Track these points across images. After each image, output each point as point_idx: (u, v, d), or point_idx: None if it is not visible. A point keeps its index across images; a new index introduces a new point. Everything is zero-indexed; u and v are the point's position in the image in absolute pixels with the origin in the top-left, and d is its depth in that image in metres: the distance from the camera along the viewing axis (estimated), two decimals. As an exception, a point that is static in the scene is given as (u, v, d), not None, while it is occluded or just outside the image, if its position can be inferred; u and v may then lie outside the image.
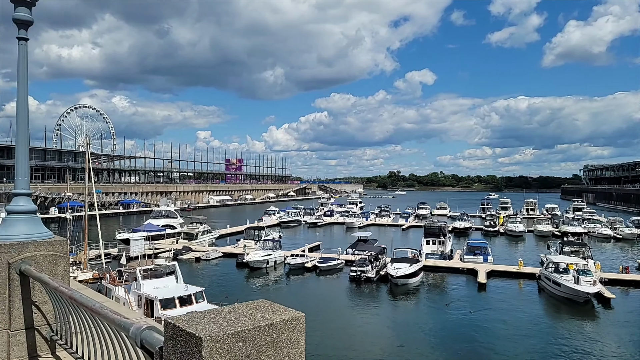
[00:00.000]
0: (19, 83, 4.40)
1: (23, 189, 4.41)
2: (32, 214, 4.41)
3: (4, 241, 4.13)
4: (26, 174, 4.44)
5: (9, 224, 4.29)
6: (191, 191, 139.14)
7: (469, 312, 30.42)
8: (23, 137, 4.43)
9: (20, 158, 4.41)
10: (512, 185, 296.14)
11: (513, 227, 70.50)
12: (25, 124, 4.43)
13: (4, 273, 4.06)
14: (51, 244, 4.31)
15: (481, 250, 46.87)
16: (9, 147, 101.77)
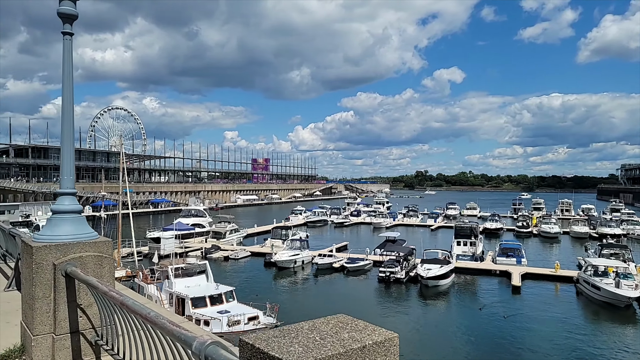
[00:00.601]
0: (64, 80, 4.28)
1: (68, 188, 4.29)
2: (77, 213, 4.29)
3: (50, 242, 4.01)
4: (71, 173, 4.32)
5: (54, 224, 4.17)
6: (219, 190, 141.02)
7: (503, 317, 29.27)
8: (68, 136, 4.31)
9: (65, 157, 4.29)
10: (545, 185, 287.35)
11: (547, 228, 68.19)
12: (70, 123, 4.31)
13: (49, 275, 3.94)
14: (96, 245, 4.17)
15: (514, 252, 45.49)
16: (45, 148, 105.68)
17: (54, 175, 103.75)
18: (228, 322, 22.32)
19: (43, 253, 3.92)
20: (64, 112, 4.29)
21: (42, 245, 3.94)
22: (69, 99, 4.27)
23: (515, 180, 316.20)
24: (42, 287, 3.92)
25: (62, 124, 4.28)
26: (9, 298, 6.25)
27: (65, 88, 4.28)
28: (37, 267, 3.90)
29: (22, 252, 4.29)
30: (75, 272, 3.77)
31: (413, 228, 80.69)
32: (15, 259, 6.93)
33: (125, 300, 2.75)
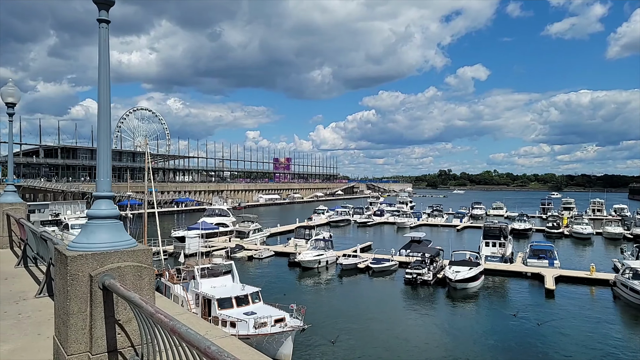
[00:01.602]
0: (100, 72, 3.89)
1: (105, 191, 3.90)
2: (114, 219, 3.89)
3: (85, 250, 3.62)
4: (108, 174, 3.92)
5: (90, 230, 3.79)
6: (241, 190, 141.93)
7: (537, 324, 27.86)
8: (105, 134, 3.92)
9: (102, 157, 3.90)
10: (574, 184, 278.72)
11: (580, 228, 65.84)
12: (107, 120, 3.92)
13: (84, 287, 3.55)
14: (135, 254, 3.77)
15: (546, 254, 43.93)
16: (74, 148, 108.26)
17: (82, 175, 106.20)
18: (254, 324, 22.02)
19: (78, 263, 3.53)
20: (100, 109, 3.90)
21: (78, 254, 3.55)
22: (105, 94, 3.88)
23: (542, 179, 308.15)
24: (77, 300, 3.53)
25: (99, 122, 3.89)
26: (40, 305, 5.96)
27: (102, 81, 3.89)
28: (72, 278, 3.52)
29: (55, 261, 3.93)
30: (114, 286, 3.36)
31: (438, 228, 79.30)
32: (47, 263, 6.65)
33: (177, 327, 2.31)
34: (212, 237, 56.50)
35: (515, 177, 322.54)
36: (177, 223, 75.69)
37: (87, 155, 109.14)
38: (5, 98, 10.27)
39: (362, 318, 28.72)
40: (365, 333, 25.81)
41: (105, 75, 3.86)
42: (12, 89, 10.37)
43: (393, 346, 24.20)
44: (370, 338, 25.14)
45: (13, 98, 10.33)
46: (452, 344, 25.06)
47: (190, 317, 5.49)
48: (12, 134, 10.96)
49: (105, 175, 3.90)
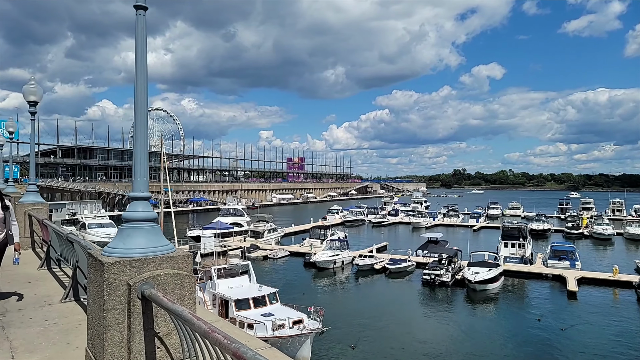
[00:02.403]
0: (138, 64, 3.58)
1: (142, 191, 3.59)
2: (152, 222, 3.58)
3: (123, 256, 3.32)
4: (145, 173, 3.61)
5: (127, 234, 3.48)
6: (255, 190, 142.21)
7: (560, 329, 26.81)
8: (142, 131, 3.60)
9: (138, 155, 3.58)
10: (591, 183, 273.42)
11: (600, 229, 64.32)
12: (144, 116, 3.61)
13: (122, 297, 3.24)
14: (175, 260, 3.45)
15: (568, 255, 42.91)
16: (90, 148, 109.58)
17: (98, 175, 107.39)
18: (273, 325, 21.74)
19: (116, 270, 3.23)
20: (137, 105, 3.60)
21: (115, 260, 3.24)
22: (142, 87, 3.57)
23: (559, 179, 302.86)
24: (114, 312, 3.22)
25: (136, 117, 3.58)
26: (67, 311, 5.70)
27: (139, 74, 3.58)
28: (110, 287, 3.21)
29: (89, 268, 3.63)
30: (155, 297, 3.04)
31: (454, 228, 78.29)
32: (72, 265, 6.40)
33: (240, 350, 1.97)
34: (227, 236, 56.48)
35: (531, 176, 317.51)
36: (192, 223, 76.01)
37: (104, 155, 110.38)
38: (27, 96, 10.10)
39: (380, 320, 28.26)
40: (384, 336, 25.36)
41: (142, 67, 3.56)
42: (34, 87, 10.21)
43: (413, 350, 23.72)
44: (389, 341, 24.69)
45: (35, 96, 10.16)
46: (474, 348, 24.44)
47: (225, 325, 5.18)
48: (34, 134, 10.79)
49: (141, 175, 3.59)
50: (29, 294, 6.44)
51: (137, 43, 3.53)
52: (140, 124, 3.59)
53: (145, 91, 3.59)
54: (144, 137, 3.60)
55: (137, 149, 3.59)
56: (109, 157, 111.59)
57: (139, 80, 3.55)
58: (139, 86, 3.57)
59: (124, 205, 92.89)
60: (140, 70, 3.53)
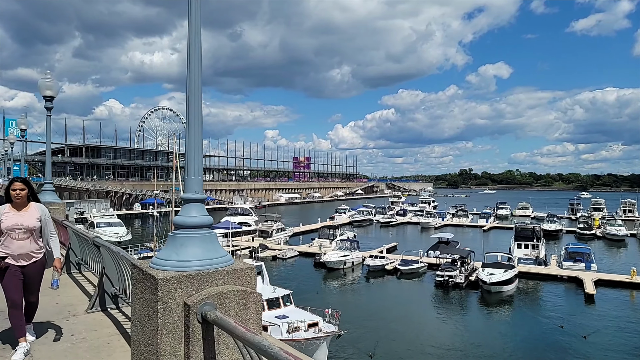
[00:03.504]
0: (191, 50, 3.04)
1: (196, 192, 3.03)
2: (207, 228, 3.04)
3: (178, 270, 2.78)
4: (199, 171, 3.07)
5: (180, 243, 2.94)
6: (261, 189, 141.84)
7: (582, 337, 25.56)
8: (196, 122, 3.06)
9: (192, 149, 3.03)
10: (600, 183, 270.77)
11: (614, 230, 63.23)
12: (198, 104, 3.07)
13: (178, 320, 2.70)
14: (237, 275, 2.91)
15: (583, 257, 42.07)
16: (98, 147, 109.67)
17: (106, 173, 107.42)
18: (288, 328, 21.21)
19: (172, 288, 2.68)
20: (190, 93, 3.06)
21: (170, 276, 2.70)
22: (196, 74, 3.03)
23: (567, 179, 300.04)
24: (169, 338, 2.68)
25: (189, 108, 3.04)
26: (94, 323, 5.18)
27: (192, 58, 3.03)
28: (164, 308, 2.67)
29: (134, 282, 3.08)
30: (222, 321, 2.49)
31: (463, 229, 77.34)
32: (96, 272, 5.89)
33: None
34: (236, 236, 56.04)
35: (538, 176, 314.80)
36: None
37: (111, 154, 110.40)
38: (43, 91, 9.63)
39: (395, 323, 27.65)
40: (400, 340, 24.70)
41: (195, 52, 3.03)
42: (50, 81, 9.73)
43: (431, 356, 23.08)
44: (406, 346, 24.08)
45: (51, 91, 9.69)
46: (493, 354, 23.77)
47: (277, 342, 4.61)
48: (50, 130, 10.32)
49: (196, 173, 3.05)
50: (50, 303, 5.92)
51: (190, 34, 3.00)
52: (194, 116, 3.05)
53: (199, 76, 3.06)
54: (198, 129, 3.06)
55: (190, 143, 3.04)
56: (117, 156, 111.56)
57: (193, 64, 3.02)
58: (193, 71, 3.04)
59: (131, 204, 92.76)
60: (193, 56, 3.01)
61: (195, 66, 3.05)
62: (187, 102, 3.06)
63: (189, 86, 3.05)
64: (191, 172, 3.04)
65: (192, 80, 3.06)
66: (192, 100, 3.04)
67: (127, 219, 72.34)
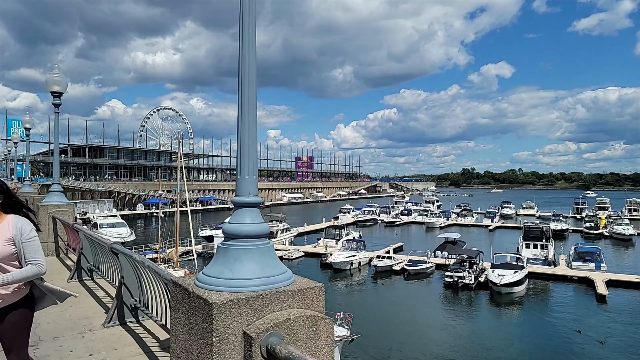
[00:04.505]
0: (245, 37, 2.54)
1: (250, 195, 2.50)
2: (264, 238, 2.52)
3: (235, 290, 2.25)
4: (254, 169, 2.55)
5: (233, 257, 2.40)
6: (264, 189, 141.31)
7: (599, 342, 24.68)
8: (250, 111, 2.55)
9: (246, 144, 2.51)
10: (602, 182, 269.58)
11: (621, 229, 62.50)
12: (252, 94, 2.56)
13: (236, 354, 2.16)
14: (303, 295, 2.38)
15: (592, 257, 41.46)
16: (101, 147, 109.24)
17: (109, 174, 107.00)
18: (298, 331, 20.67)
19: (229, 314, 2.15)
20: (244, 77, 2.54)
21: (227, 300, 2.17)
22: (249, 57, 2.52)
23: (570, 178, 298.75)
24: (227, 376, 2.16)
25: (242, 97, 2.53)
26: (113, 339, 4.65)
27: (246, 46, 2.53)
28: (220, 340, 2.14)
29: (178, 306, 2.53)
30: (294, 356, 1.98)
31: (468, 228, 76.69)
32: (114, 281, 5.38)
33: None
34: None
35: (541, 175, 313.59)
36: (203, 222, 75.19)
37: (114, 154, 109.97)
38: (50, 86, 9.11)
39: (406, 326, 27.10)
40: (412, 343, 24.16)
41: (249, 38, 2.51)
42: (58, 76, 9.22)
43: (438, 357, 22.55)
44: (418, 349, 23.55)
45: (59, 87, 9.17)
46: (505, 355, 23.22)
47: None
48: (58, 128, 9.80)
49: (250, 172, 2.52)
50: (62, 315, 5.42)
51: (243, 26, 2.49)
52: (248, 100, 2.53)
53: (253, 57, 2.55)
54: (252, 119, 2.54)
55: (243, 137, 2.52)
56: (119, 156, 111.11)
57: (246, 43, 2.51)
58: (246, 50, 2.53)
59: (134, 205, 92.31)
60: (247, 43, 2.48)
61: (249, 45, 2.54)
62: (239, 85, 2.54)
63: (241, 68, 2.54)
64: (244, 170, 2.51)
65: (245, 62, 2.55)
66: (245, 84, 2.53)
67: (130, 220, 71.88)
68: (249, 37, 2.53)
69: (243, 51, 2.54)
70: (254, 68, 2.55)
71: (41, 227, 9.49)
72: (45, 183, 75.95)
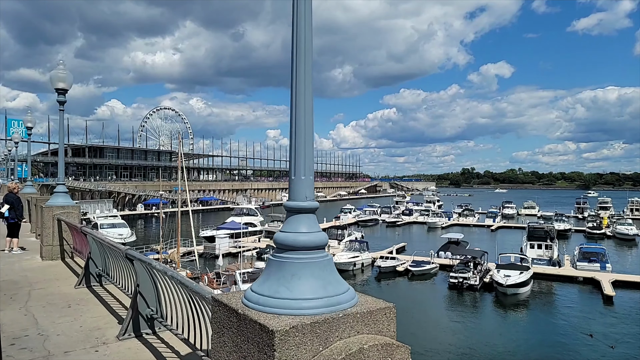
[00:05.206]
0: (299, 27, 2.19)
1: (308, 198, 2.14)
2: (323, 250, 2.16)
3: (295, 313, 1.89)
4: (310, 169, 2.18)
5: (290, 272, 2.03)
6: (265, 189, 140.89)
7: (610, 346, 24.10)
8: (305, 102, 2.18)
9: (302, 137, 2.15)
10: (603, 182, 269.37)
11: (625, 229, 62.17)
12: (308, 80, 2.20)
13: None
14: (374, 318, 2.02)
15: (598, 257, 41.13)
16: (100, 147, 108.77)
17: (109, 174, 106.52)
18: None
19: (293, 343, 1.79)
20: (298, 55, 2.18)
21: (290, 326, 1.81)
22: (306, 27, 2.15)
23: (570, 178, 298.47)
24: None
25: (296, 81, 2.17)
26: (129, 354, 4.28)
27: (301, 23, 2.16)
28: (282, 376, 1.78)
29: (223, 329, 2.17)
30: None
31: (470, 228, 76.30)
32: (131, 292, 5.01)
33: None
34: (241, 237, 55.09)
35: (541, 175, 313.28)
36: (203, 222, 74.76)
37: (114, 155, 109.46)
38: (55, 83, 8.74)
39: (413, 328, 26.68)
40: (417, 345, 23.78)
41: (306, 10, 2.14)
42: (63, 72, 8.85)
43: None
44: (426, 350, 23.20)
45: (65, 83, 8.80)
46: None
47: None
48: (63, 126, 9.42)
49: (306, 171, 2.15)
50: (73, 326, 5.05)
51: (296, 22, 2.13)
52: (304, 88, 2.16)
53: (310, 38, 2.17)
54: (309, 111, 2.17)
55: (299, 131, 2.15)
56: (119, 156, 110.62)
57: (301, 25, 2.13)
58: (302, 31, 2.16)
59: (134, 205, 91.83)
60: (304, 23, 2.11)
61: (305, 26, 2.16)
62: (294, 69, 2.18)
63: (297, 49, 2.18)
64: (300, 170, 2.14)
65: (300, 44, 2.18)
66: (300, 68, 2.16)
67: (130, 220, 71.43)
68: (305, 18, 2.16)
69: (297, 33, 2.18)
70: (310, 52, 2.18)
71: (45, 229, 9.15)
72: (45, 183, 75.60)
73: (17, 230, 10.84)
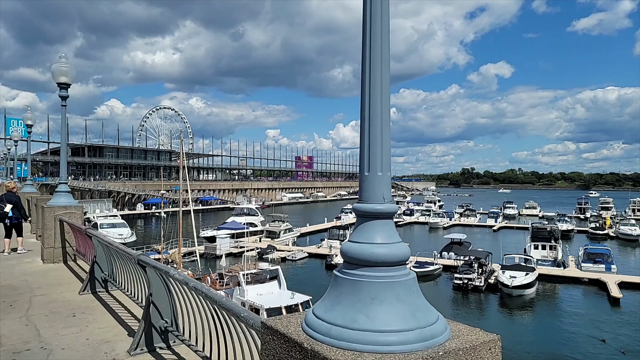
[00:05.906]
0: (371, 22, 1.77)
1: (386, 200, 1.70)
2: (404, 266, 1.72)
3: (381, 350, 1.46)
4: (387, 165, 1.75)
5: (370, 295, 1.57)
6: (265, 188, 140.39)
7: (621, 352, 23.35)
8: (383, 83, 1.77)
9: (378, 125, 1.72)
10: (603, 182, 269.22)
11: (628, 230, 61.78)
12: (386, 60, 1.79)
13: None
14: (477, 355, 1.59)
15: (603, 258, 40.70)
16: (100, 147, 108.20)
17: (108, 173, 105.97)
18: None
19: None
20: (373, 32, 1.76)
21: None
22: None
23: (570, 178, 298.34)
24: None
25: (371, 59, 1.76)
26: (144, 370, 3.85)
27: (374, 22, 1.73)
28: None
29: None
30: None
31: (472, 228, 75.83)
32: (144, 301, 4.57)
33: None
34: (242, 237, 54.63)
35: (541, 175, 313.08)
36: (203, 222, 74.28)
37: (114, 154, 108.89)
38: (57, 77, 8.31)
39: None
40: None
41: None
42: (65, 66, 8.41)
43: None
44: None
45: (67, 77, 8.36)
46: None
47: None
48: (65, 123, 8.99)
49: (383, 167, 1.73)
50: (79, 338, 4.61)
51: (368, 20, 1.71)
52: (382, 66, 1.74)
53: (387, 17, 1.74)
54: (386, 96, 1.75)
55: (374, 121, 1.73)
56: (119, 155, 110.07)
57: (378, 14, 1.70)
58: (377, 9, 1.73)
59: (134, 204, 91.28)
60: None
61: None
62: (366, 45, 1.75)
63: (372, 27, 1.75)
64: (376, 165, 1.71)
65: (376, 21, 1.75)
66: (374, 45, 1.73)
67: (129, 220, 70.92)
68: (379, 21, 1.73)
69: (372, 11, 1.74)
70: (387, 28, 1.74)
71: (47, 231, 8.71)
72: (45, 183, 75.09)
73: (21, 229, 10.83)
